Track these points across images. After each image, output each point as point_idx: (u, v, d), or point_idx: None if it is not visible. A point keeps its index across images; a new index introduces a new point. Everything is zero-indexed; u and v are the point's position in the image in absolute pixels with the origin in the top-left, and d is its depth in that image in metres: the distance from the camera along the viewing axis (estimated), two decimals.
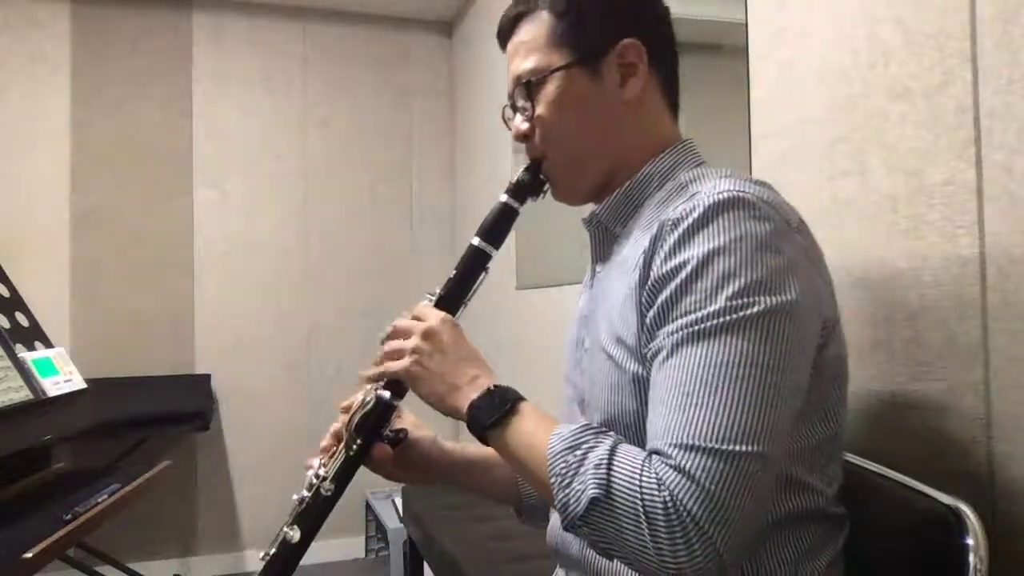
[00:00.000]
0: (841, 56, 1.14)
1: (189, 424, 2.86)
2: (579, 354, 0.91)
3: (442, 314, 0.87)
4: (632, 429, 0.76)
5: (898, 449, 1.02)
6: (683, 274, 0.70)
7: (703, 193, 0.72)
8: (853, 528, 0.83)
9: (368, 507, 3.33)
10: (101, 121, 3.11)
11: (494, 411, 0.78)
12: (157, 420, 2.80)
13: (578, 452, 0.69)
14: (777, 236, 0.70)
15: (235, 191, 3.28)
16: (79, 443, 2.72)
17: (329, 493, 0.92)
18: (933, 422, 0.97)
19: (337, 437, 0.97)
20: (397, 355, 0.86)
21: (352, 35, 3.45)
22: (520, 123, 0.90)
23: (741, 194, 0.71)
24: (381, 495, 3.25)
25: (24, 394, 1.84)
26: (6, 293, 2.14)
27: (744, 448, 0.63)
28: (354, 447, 0.92)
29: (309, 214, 3.37)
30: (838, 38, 1.15)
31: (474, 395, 0.79)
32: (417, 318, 0.87)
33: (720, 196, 0.71)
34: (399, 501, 2.85)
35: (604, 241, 0.91)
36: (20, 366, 1.89)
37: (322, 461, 0.95)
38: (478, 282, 0.92)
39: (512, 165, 2.69)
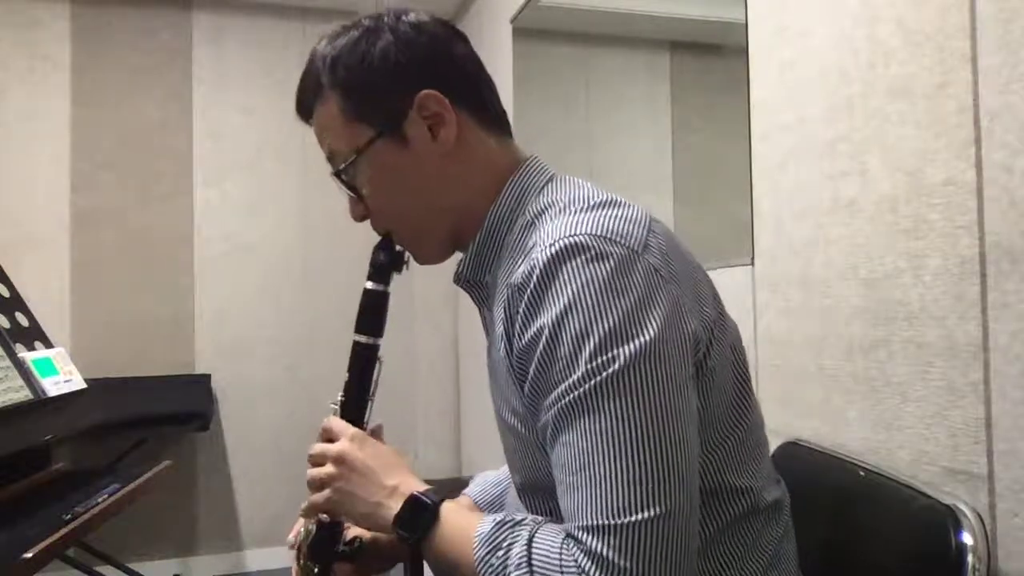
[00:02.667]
0: (841, 56, 1.14)
1: (189, 424, 2.86)
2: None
3: (350, 431, 0.85)
4: (551, 489, 0.74)
5: (898, 449, 1.02)
6: (541, 344, 0.69)
7: (538, 247, 0.71)
8: (853, 528, 0.83)
9: None
10: (101, 121, 3.11)
11: (417, 524, 0.76)
12: (157, 420, 2.80)
13: (499, 553, 0.68)
14: (620, 273, 0.67)
15: (235, 191, 3.27)
16: (79, 443, 2.72)
17: None
18: (933, 422, 0.97)
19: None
20: (318, 485, 0.84)
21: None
22: (354, 208, 0.89)
23: (573, 239, 0.68)
24: None
25: (24, 394, 1.83)
26: (6, 293, 2.14)
27: (646, 515, 0.63)
28: None
29: (309, 214, 3.37)
30: (838, 38, 1.15)
31: (396, 508, 0.77)
32: (327, 438, 0.86)
33: (553, 250, 0.69)
34: None
35: (479, 289, 0.88)
36: (20, 366, 1.88)
37: None
38: (376, 374, 0.90)
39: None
